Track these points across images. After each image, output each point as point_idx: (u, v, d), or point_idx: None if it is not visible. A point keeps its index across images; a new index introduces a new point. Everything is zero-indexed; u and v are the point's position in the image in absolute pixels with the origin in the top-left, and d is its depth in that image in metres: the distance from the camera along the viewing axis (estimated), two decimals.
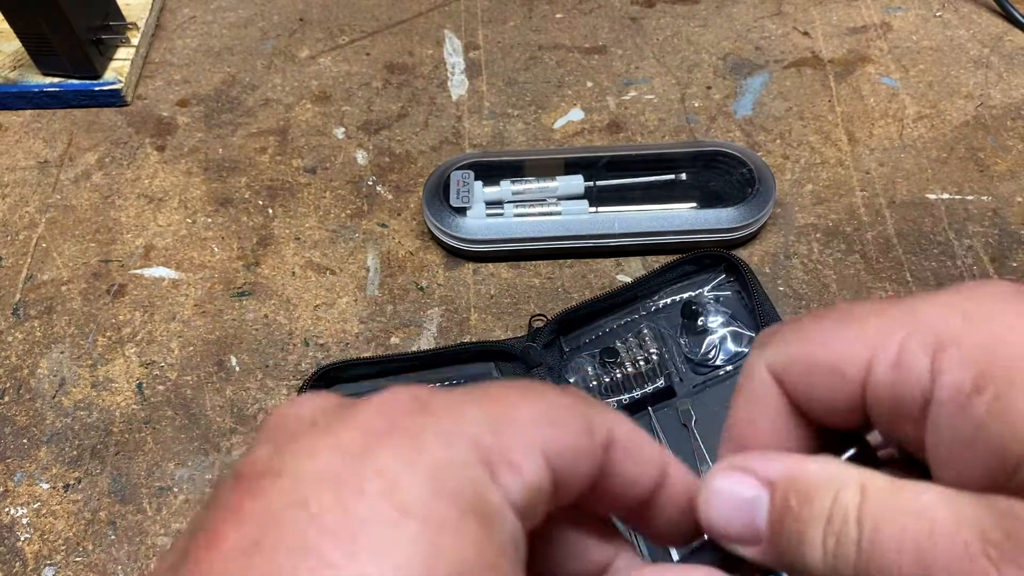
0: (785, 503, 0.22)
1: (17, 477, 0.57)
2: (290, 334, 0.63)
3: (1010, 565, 0.19)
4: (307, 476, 0.18)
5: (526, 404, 0.21)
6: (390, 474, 0.18)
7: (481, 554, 0.18)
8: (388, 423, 0.20)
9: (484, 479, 0.19)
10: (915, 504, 0.20)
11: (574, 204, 0.66)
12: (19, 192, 0.72)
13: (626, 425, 0.24)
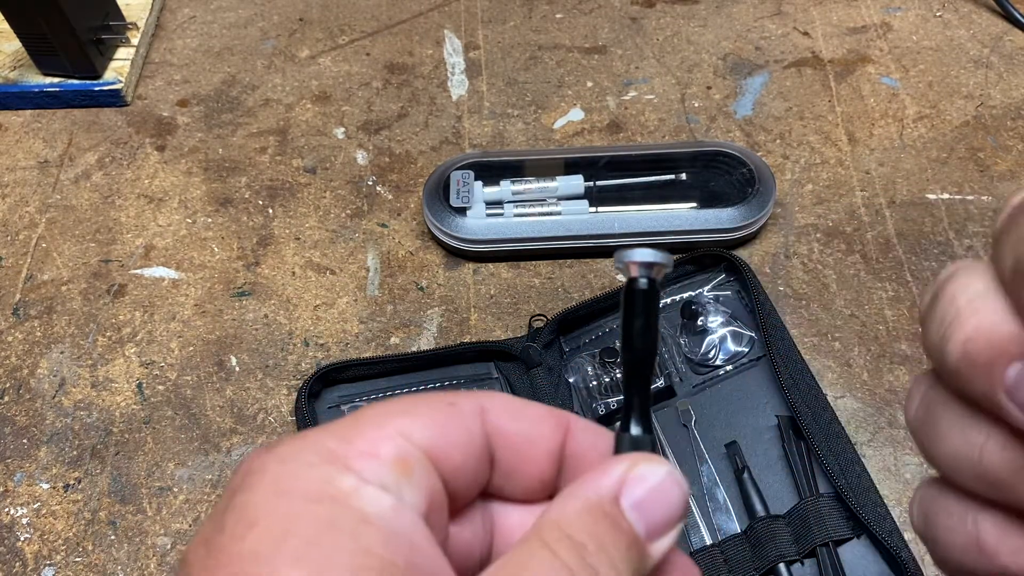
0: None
1: (17, 477, 0.57)
2: (290, 334, 0.63)
3: None
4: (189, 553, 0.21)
5: (372, 409, 0.23)
6: (240, 505, 0.21)
7: (334, 524, 0.20)
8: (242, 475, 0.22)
9: (332, 472, 0.21)
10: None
11: (574, 204, 0.66)
12: (19, 192, 0.72)
13: (500, 396, 0.25)
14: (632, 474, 0.23)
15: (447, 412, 0.23)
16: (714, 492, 0.54)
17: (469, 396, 0.24)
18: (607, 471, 0.23)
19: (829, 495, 0.51)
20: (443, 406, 0.23)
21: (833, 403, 0.56)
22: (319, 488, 0.20)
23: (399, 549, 0.20)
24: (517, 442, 0.25)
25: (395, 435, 0.22)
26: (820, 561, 0.50)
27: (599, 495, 0.23)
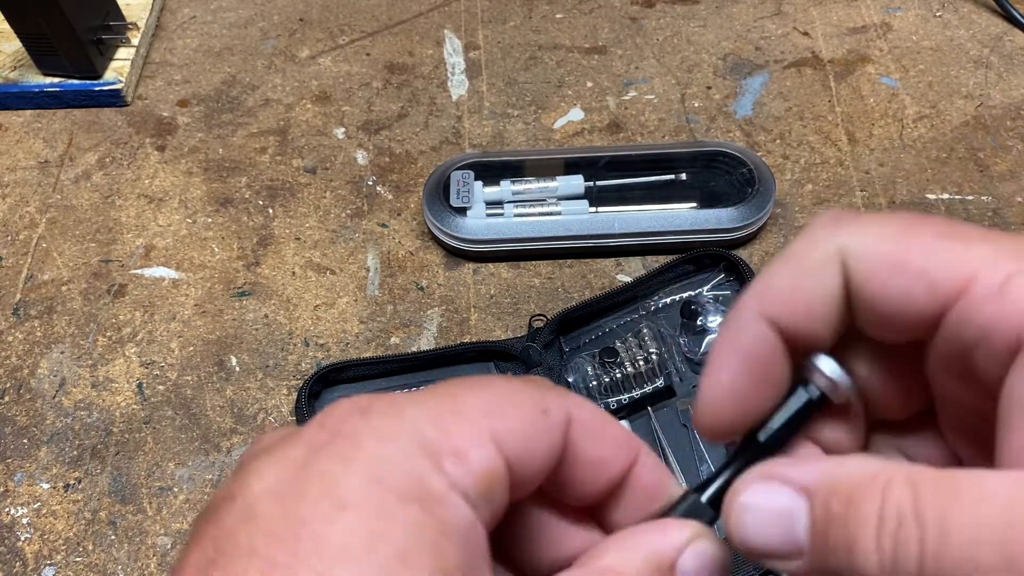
0: (827, 510, 0.21)
1: (17, 477, 0.57)
2: (290, 334, 0.63)
3: None
4: (255, 494, 0.20)
5: (472, 395, 0.22)
6: (329, 476, 0.20)
7: (421, 536, 0.19)
8: (329, 433, 0.21)
9: (425, 468, 0.20)
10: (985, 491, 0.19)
11: (574, 204, 0.66)
12: (19, 192, 0.72)
13: (587, 407, 0.24)
14: (695, 545, 0.23)
15: (538, 422, 0.22)
16: None
17: (559, 402, 0.23)
18: (670, 531, 0.23)
19: None
20: (537, 414, 0.23)
21: None
22: (412, 486, 0.20)
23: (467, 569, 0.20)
24: (590, 463, 0.24)
25: (488, 439, 0.21)
26: None
27: (660, 554, 0.23)
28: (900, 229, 0.22)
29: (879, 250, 0.22)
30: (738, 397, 0.24)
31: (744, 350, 0.24)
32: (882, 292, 0.22)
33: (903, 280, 0.22)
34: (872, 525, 0.20)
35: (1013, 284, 0.20)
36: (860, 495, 0.20)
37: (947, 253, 0.21)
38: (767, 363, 0.24)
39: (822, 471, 0.21)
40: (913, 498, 0.19)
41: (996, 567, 0.18)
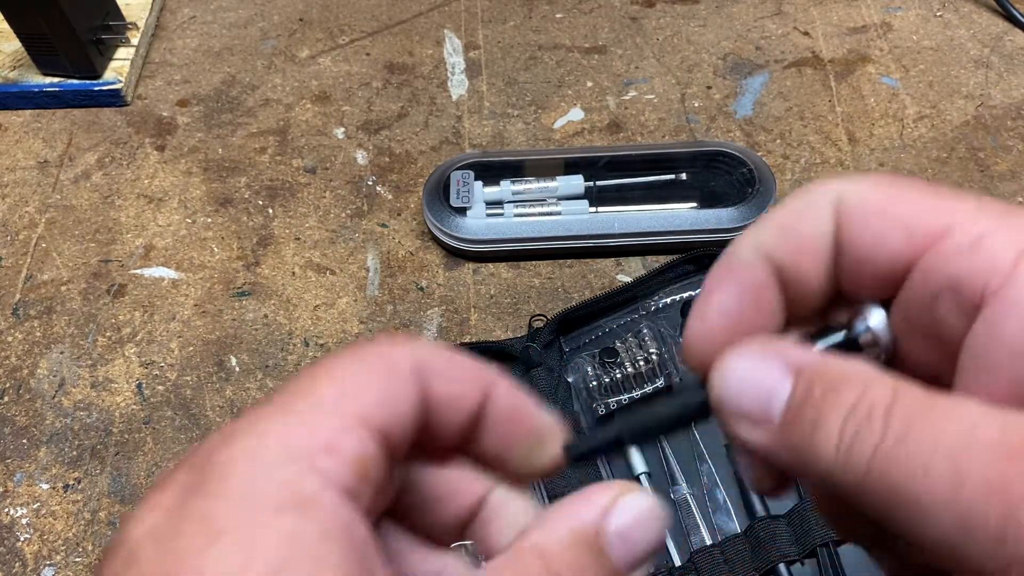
0: (808, 390, 0.21)
1: (17, 477, 0.57)
2: (290, 334, 0.63)
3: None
4: (136, 539, 0.21)
5: (326, 383, 0.22)
6: (202, 510, 0.20)
7: (297, 545, 0.20)
8: (198, 471, 0.21)
9: (297, 473, 0.21)
10: (954, 411, 0.19)
11: (574, 204, 0.66)
12: (19, 192, 0.72)
13: (429, 347, 0.24)
14: (621, 502, 0.24)
15: (394, 384, 0.23)
16: (714, 492, 0.54)
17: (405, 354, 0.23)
18: (593, 497, 0.24)
19: None
20: (390, 377, 0.23)
21: None
22: (285, 495, 0.20)
23: (351, 568, 0.20)
24: (445, 403, 0.24)
25: (354, 423, 0.22)
26: (820, 561, 0.50)
27: (584, 523, 0.23)
28: (891, 182, 0.23)
29: (867, 196, 0.23)
30: (728, 317, 0.25)
31: (737, 277, 0.25)
32: (860, 234, 0.23)
33: (881, 223, 0.23)
34: (842, 412, 0.20)
35: (988, 240, 0.21)
36: (843, 385, 0.21)
37: (928, 204, 0.22)
38: (759, 292, 0.25)
39: (817, 357, 0.22)
40: (889, 400, 0.20)
41: (943, 477, 0.19)
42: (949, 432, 0.19)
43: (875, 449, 0.20)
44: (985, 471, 0.18)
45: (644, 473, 0.55)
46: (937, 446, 0.19)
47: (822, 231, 0.24)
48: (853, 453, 0.20)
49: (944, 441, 0.19)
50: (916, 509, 0.19)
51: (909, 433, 0.19)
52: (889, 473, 0.19)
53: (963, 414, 0.19)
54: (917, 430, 0.19)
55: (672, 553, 0.52)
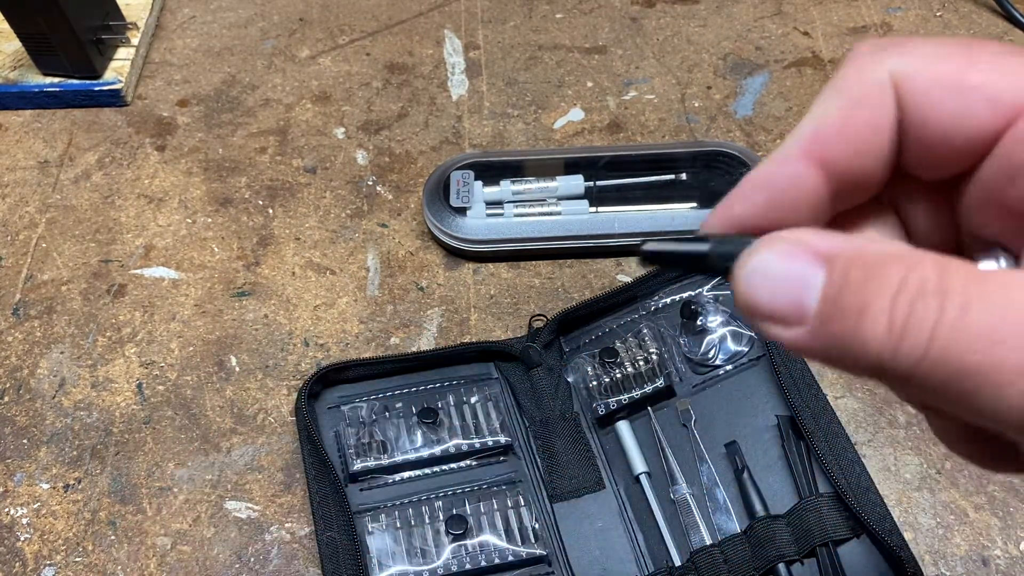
0: (845, 276, 0.19)
1: (17, 477, 0.57)
2: (290, 334, 0.63)
3: None
4: None
5: None
6: None
7: None
8: None
9: None
10: (1013, 280, 0.18)
11: (574, 204, 0.66)
12: (19, 192, 0.72)
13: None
14: None
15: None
16: (714, 492, 0.54)
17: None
18: None
19: (829, 495, 0.51)
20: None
21: (833, 403, 0.56)
22: None
23: None
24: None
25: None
26: (820, 561, 0.50)
27: None
28: (957, 49, 0.21)
29: (936, 70, 0.21)
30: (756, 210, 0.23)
31: (774, 188, 0.23)
32: (938, 113, 0.21)
33: (962, 98, 0.20)
34: (890, 291, 0.19)
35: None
36: (884, 264, 0.19)
37: (1008, 68, 0.20)
38: (798, 204, 0.23)
39: (847, 241, 0.20)
40: (939, 275, 0.18)
41: (1013, 345, 0.17)
42: (1014, 298, 0.18)
43: (935, 326, 0.18)
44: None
45: (644, 473, 0.55)
46: (1005, 314, 0.17)
47: (885, 123, 0.21)
48: (909, 331, 0.18)
49: (1010, 307, 0.17)
50: (982, 381, 0.18)
51: (971, 305, 0.18)
52: (952, 346, 0.18)
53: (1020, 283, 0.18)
54: (979, 301, 0.18)
55: (672, 553, 0.52)
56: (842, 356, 0.20)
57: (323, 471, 0.54)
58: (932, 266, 0.19)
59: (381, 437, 0.56)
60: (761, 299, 0.21)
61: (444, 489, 0.55)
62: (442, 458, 0.56)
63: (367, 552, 0.52)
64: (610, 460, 0.56)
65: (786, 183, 0.22)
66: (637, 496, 0.55)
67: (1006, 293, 0.18)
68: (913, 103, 0.21)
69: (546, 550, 0.52)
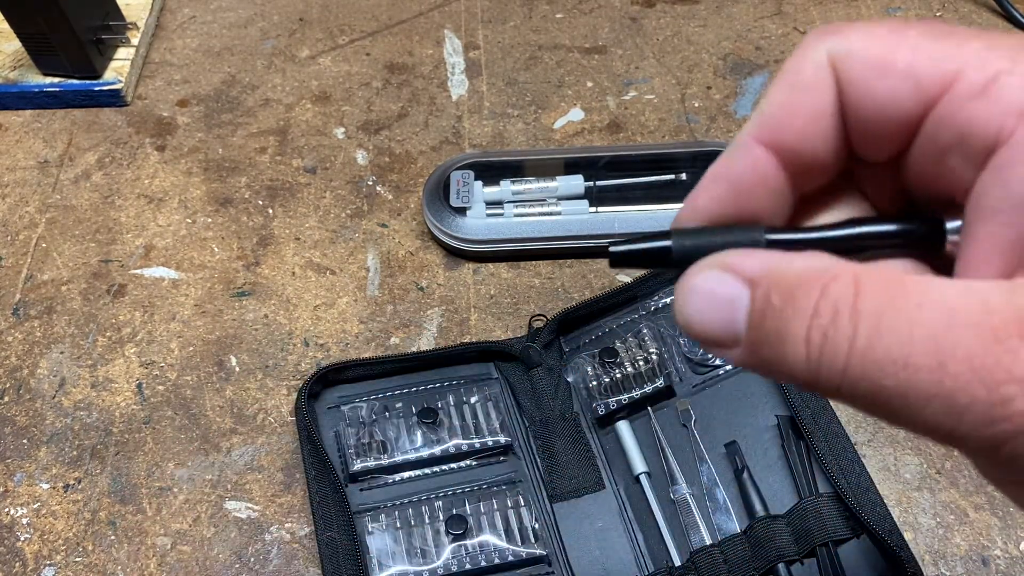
0: (766, 300, 0.20)
1: (17, 477, 0.57)
2: (290, 334, 0.63)
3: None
4: None
5: None
6: None
7: None
8: None
9: None
10: (926, 295, 0.18)
11: (574, 204, 0.66)
12: (19, 192, 0.72)
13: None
14: None
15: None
16: (714, 492, 0.54)
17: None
18: None
19: (829, 495, 0.51)
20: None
21: (833, 403, 0.56)
22: None
23: None
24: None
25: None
26: (820, 561, 0.50)
27: None
28: (889, 30, 0.21)
29: (867, 52, 0.21)
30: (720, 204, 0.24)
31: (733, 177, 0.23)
32: (868, 94, 0.21)
33: (889, 80, 0.21)
34: (805, 318, 0.19)
35: (999, 83, 0.19)
36: (800, 288, 0.20)
37: (934, 51, 0.20)
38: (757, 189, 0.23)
39: (768, 263, 0.21)
40: (854, 295, 0.19)
41: (925, 366, 0.18)
42: (925, 318, 0.18)
43: (848, 350, 0.19)
44: (968, 355, 0.17)
45: (644, 473, 0.55)
46: (914, 335, 0.18)
47: (825, 104, 0.22)
48: (825, 359, 0.19)
49: (921, 328, 0.18)
50: (902, 401, 0.18)
51: (881, 326, 0.18)
52: (867, 372, 0.18)
53: (938, 297, 0.18)
54: (890, 321, 0.18)
55: (672, 553, 0.52)
56: (777, 376, 0.21)
57: (323, 471, 0.54)
58: (846, 286, 0.19)
59: (381, 437, 0.56)
60: (697, 323, 0.22)
61: (444, 489, 0.55)
62: (442, 458, 0.56)
63: (367, 552, 0.52)
64: (610, 460, 0.56)
65: (743, 171, 0.23)
66: (637, 496, 0.55)
67: (918, 312, 0.18)
68: (849, 85, 0.22)
69: (546, 550, 0.52)
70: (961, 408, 0.18)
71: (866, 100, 0.21)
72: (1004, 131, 0.19)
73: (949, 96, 0.20)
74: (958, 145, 0.20)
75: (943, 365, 0.18)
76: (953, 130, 0.20)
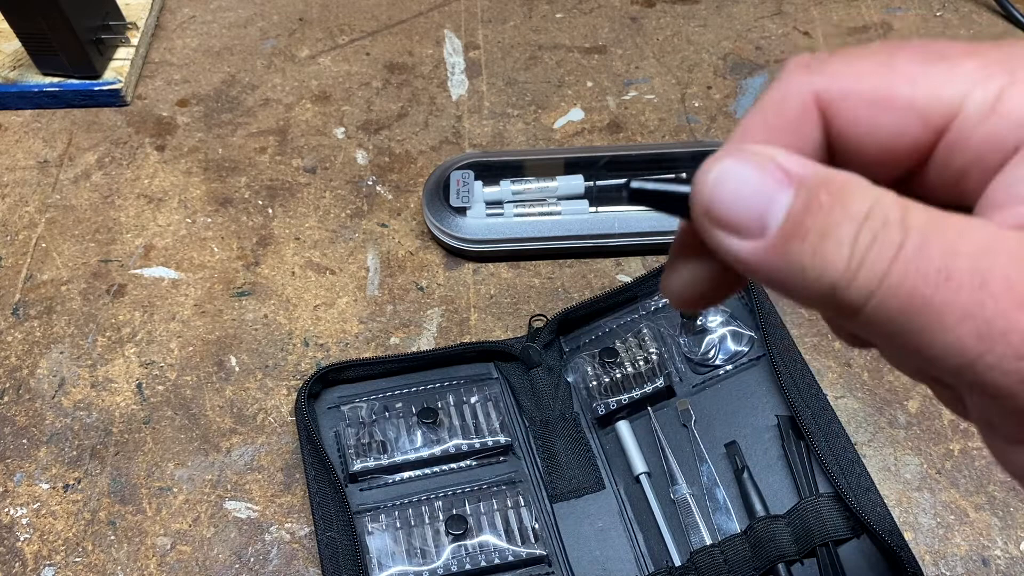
0: (813, 196, 0.19)
1: (17, 477, 0.57)
2: (290, 334, 0.63)
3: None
4: None
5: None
6: None
7: None
8: None
9: None
10: (967, 225, 0.18)
11: (574, 204, 0.66)
12: (19, 192, 0.72)
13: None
14: None
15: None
16: (714, 492, 0.54)
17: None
18: None
19: (829, 495, 0.51)
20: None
21: (833, 403, 0.56)
22: None
23: None
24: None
25: None
26: (820, 561, 0.50)
27: None
28: (879, 62, 0.21)
29: (861, 89, 0.21)
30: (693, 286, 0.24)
31: None
32: (871, 132, 0.21)
33: (891, 116, 0.21)
34: (856, 218, 0.19)
35: (1005, 98, 0.19)
36: (854, 192, 0.19)
37: (933, 78, 0.20)
38: None
39: (819, 167, 0.20)
40: (903, 210, 0.19)
41: (968, 284, 0.18)
42: (970, 241, 0.18)
43: (894, 256, 0.18)
44: (1011, 282, 0.17)
45: (644, 473, 0.55)
46: (959, 253, 0.18)
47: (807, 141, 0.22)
48: (869, 259, 0.18)
49: (966, 249, 0.18)
50: (934, 319, 0.18)
51: (929, 240, 0.18)
52: (907, 280, 0.18)
53: (979, 227, 0.18)
54: (937, 237, 0.18)
55: (672, 553, 0.52)
56: (793, 278, 0.20)
57: (323, 471, 0.54)
58: (896, 202, 0.19)
59: (381, 437, 0.56)
60: (724, 205, 0.20)
61: (444, 489, 0.55)
62: (442, 458, 0.56)
63: (367, 552, 0.52)
64: (610, 460, 0.56)
65: None
66: (637, 496, 0.55)
67: (963, 235, 0.18)
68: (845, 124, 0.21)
69: (546, 550, 0.52)
70: (996, 333, 0.17)
71: (868, 138, 0.21)
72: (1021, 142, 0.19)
73: (959, 121, 0.20)
74: (975, 166, 0.20)
75: (985, 286, 0.18)
76: (969, 153, 0.20)
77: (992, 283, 0.18)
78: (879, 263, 0.18)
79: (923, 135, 0.21)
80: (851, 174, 0.20)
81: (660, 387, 0.57)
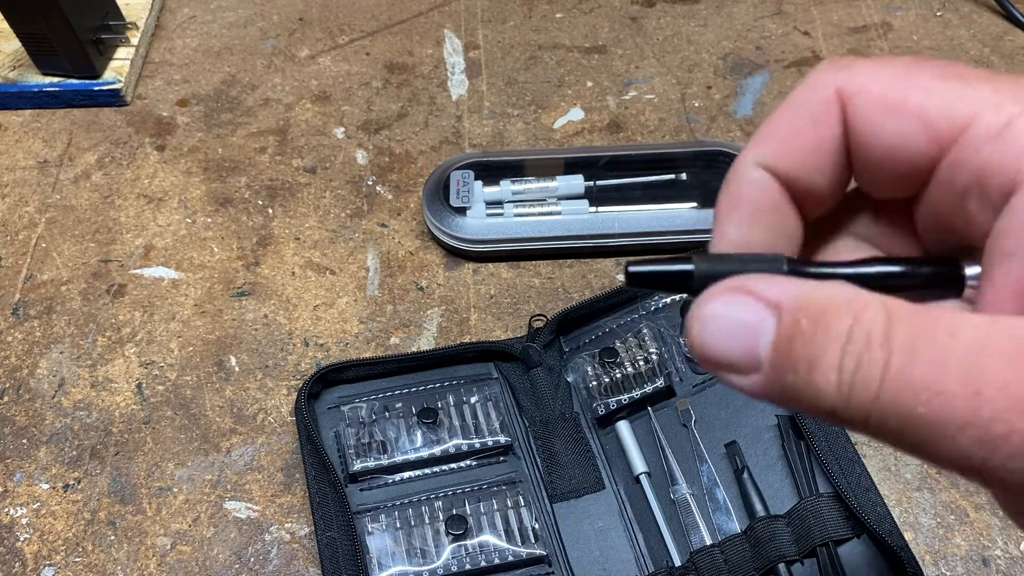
0: (795, 326, 0.20)
1: (17, 477, 0.57)
2: (290, 334, 0.63)
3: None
4: None
5: None
6: None
7: None
8: None
9: None
10: (958, 326, 0.18)
11: (574, 204, 0.66)
12: (19, 192, 0.72)
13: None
14: None
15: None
16: (714, 492, 0.54)
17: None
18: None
19: (829, 495, 0.51)
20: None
21: None
22: None
23: None
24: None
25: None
26: (820, 561, 0.50)
27: None
28: (900, 70, 0.21)
29: (877, 90, 0.21)
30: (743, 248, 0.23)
31: (746, 201, 0.23)
32: (878, 133, 0.21)
33: (900, 120, 0.21)
34: (839, 343, 0.19)
35: (1014, 126, 0.20)
36: (832, 314, 0.19)
37: (946, 94, 0.21)
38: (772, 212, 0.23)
39: (793, 289, 0.20)
40: (886, 323, 0.19)
41: (961, 394, 0.18)
42: (959, 347, 0.18)
43: (882, 376, 0.18)
44: (1005, 383, 0.17)
45: (644, 473, 0.55)
46: (948, 363, 0.18)
47: (829, 137, 0.22)
48: (857, 384, 0.19)
49: (954, 357, 0.18)
50: (934, 430, 0.18)
51: (915, 353, 0.18)
52: (900, 399, 0.18)
53: (970, 328, 0.18)
54: (924, 349, 0.18)
55: (672, 553, 0.52)
56: (797, 404, 0.20)
57: (323, 471, 0.54)
58: (878, 313, 0.19)
59: (381, 437, 0.56)
60: (715, 348, 0.21)
61: (444, 489, 0.55)
62: (442, 458, 0.56)
63: (367, 552, 0.52)
64: (610, 460, 0.56)
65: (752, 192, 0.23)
66: (637, 496, 0.55)
67: (951, 341, 0.18)
68: (858, 122, 0.22)
69: (546, 550, 0.52)
70: (996, 437, 0.17)
71: (874, 139, 0.21)
72: (1022, 174, 0.19)
73: (965, 140, 0.20)
74: (975, 188, 0.20)
75: (979, 393, 0.18)
76: (970, 174, 0.20)
77: (986, 389, 0.17)
78: (868, 386, 0.19)
79: (927, 146, 0.21)
80: (834, 286, 0.20)
81: (660, 387, 0.57)
